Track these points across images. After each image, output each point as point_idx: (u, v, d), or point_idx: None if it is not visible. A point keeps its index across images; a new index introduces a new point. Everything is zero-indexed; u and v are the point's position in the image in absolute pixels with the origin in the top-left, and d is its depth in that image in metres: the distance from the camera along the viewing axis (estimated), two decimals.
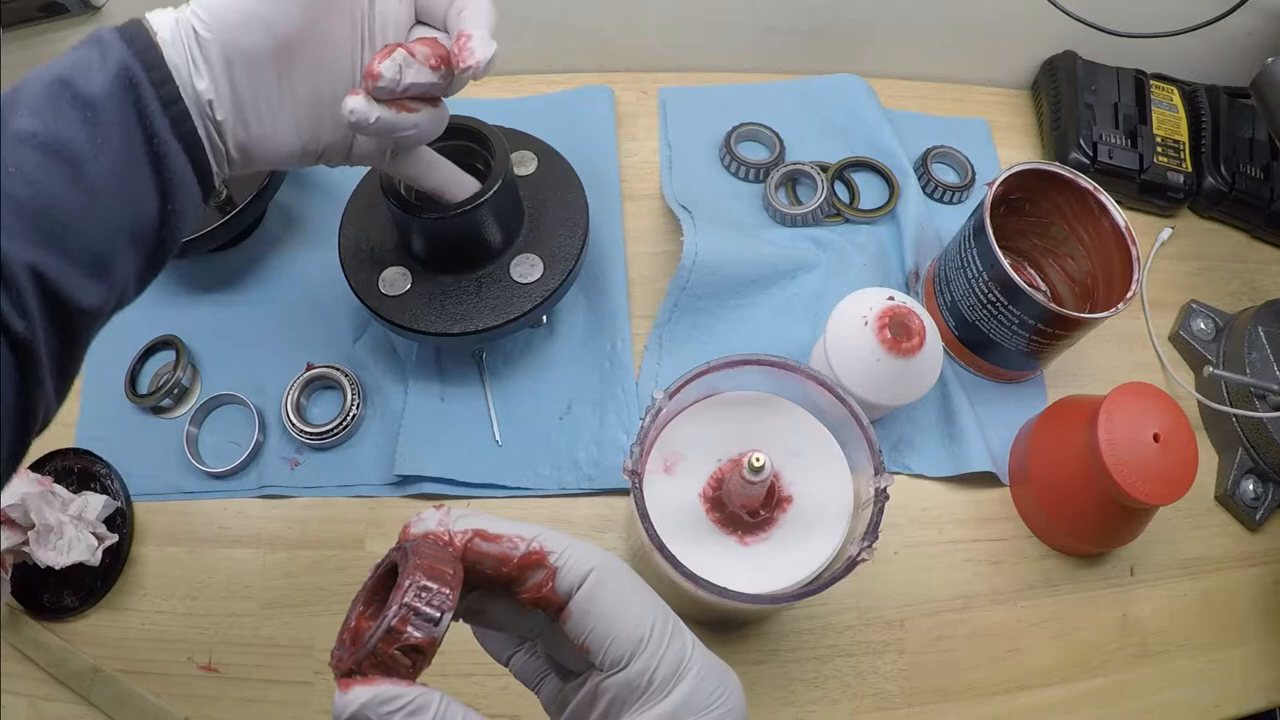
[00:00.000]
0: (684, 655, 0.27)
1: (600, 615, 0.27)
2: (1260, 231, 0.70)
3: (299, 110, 0.36)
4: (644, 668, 0.26)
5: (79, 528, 0.48)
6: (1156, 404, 0.50)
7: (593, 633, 0.27)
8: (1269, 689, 0.54)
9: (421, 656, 0.25)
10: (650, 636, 0.26)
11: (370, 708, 0.24)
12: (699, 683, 0.26)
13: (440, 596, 0.25)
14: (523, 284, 0.52)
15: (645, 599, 0.28)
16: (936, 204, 0.67)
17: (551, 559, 0.27)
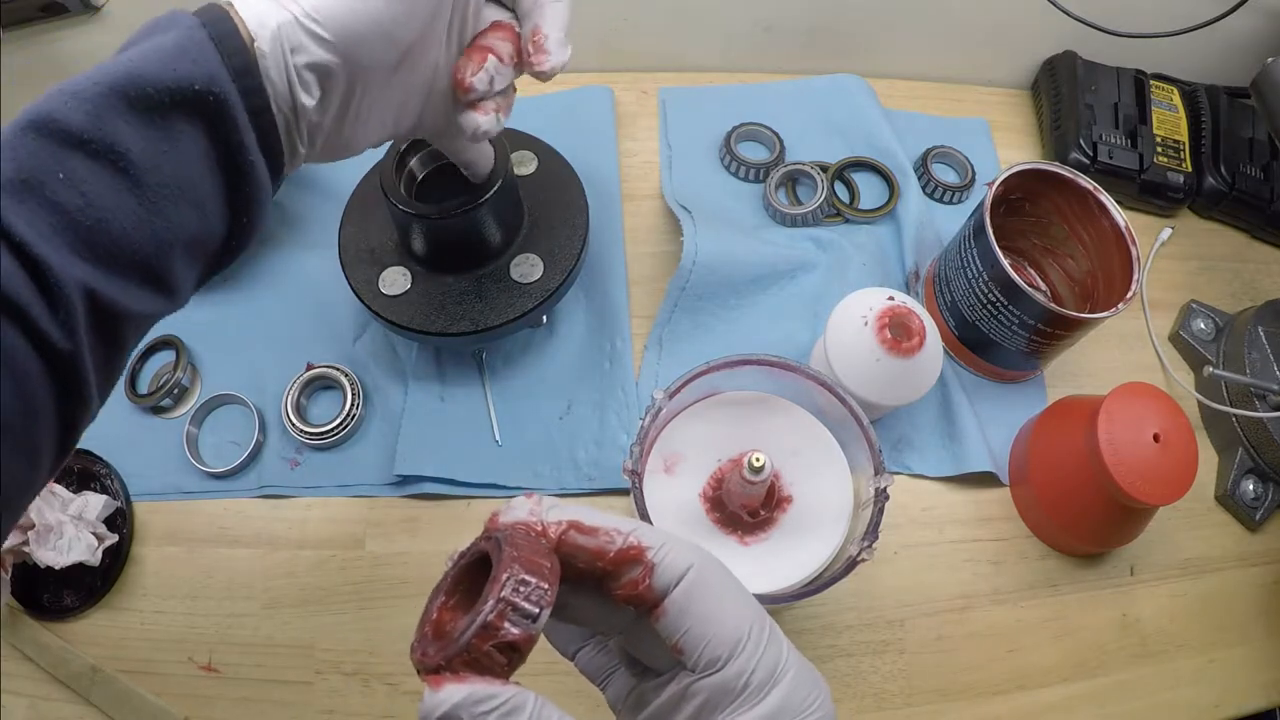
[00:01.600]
0: (780, 659, 0.26)
1: (697, 615, 0.25)
2: (1260, 231, 0.70)
3: (393, 107, 0.35)
4: (740, 670, 0.25)
5: (79, 528, 0.48)
6: (1156, 404, 0.50)
7: (689, 632, 0.26)
8: (1269, 689, 0.54)
9: (517, 654, 0.23)
10: (748, 639, 0.26)
11: (463, 708, 0.23)
12: (795, 687, 0.26)
13: (539, 591, 0.23)
14: (523, 284, 0.52)
15: (742, 599, 0.27)
16: (936, 204, 0.67)
17: (649, 554, 0.26)
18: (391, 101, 0.35)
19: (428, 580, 0.52)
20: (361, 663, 0.49)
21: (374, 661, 0.49)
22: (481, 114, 0.37)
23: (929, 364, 0.50)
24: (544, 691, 0.25)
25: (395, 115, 0.36)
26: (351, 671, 0.49)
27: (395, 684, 0.49)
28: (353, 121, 0.34)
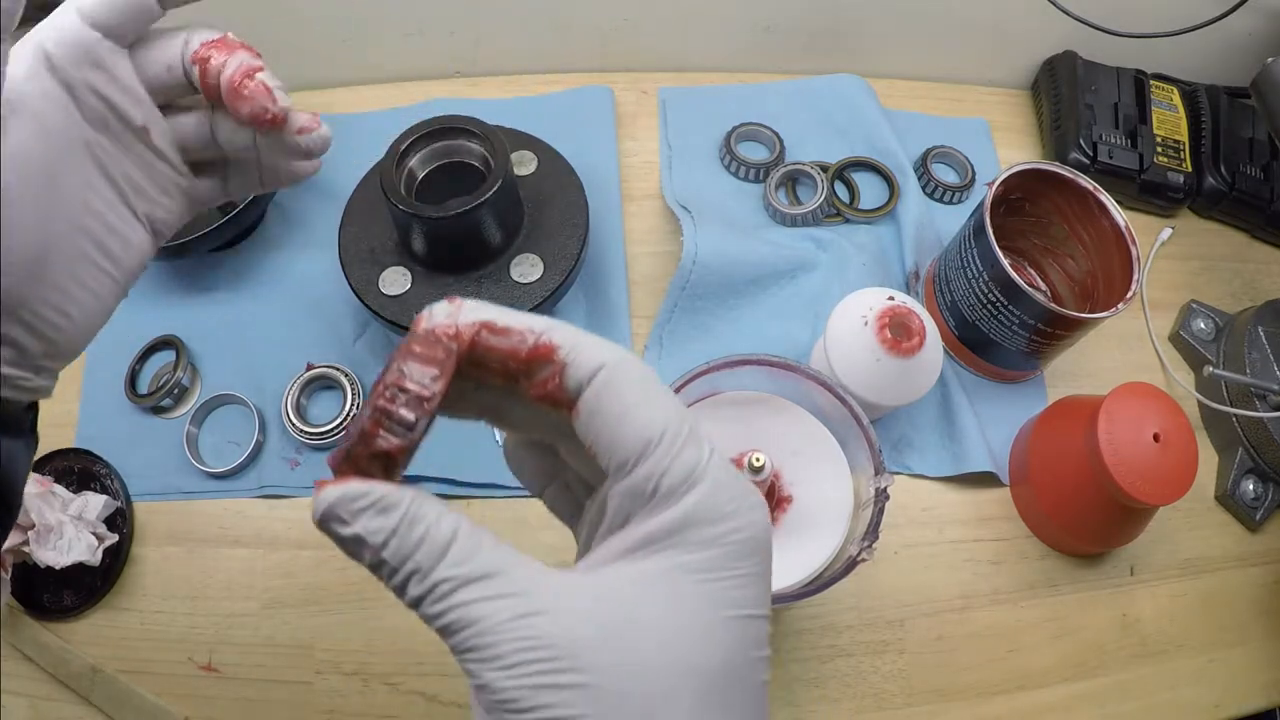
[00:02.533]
0: (697, 464, 0.23)
1: (608, 415, 0.23)
2: (1260, 231, 0.70)
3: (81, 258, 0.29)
4: (649, 473, 0.23)
5: (79, 528, 0.48)
6: (1156, 404, 0.50)
7: (599, 435, 0.23)
8: (1269, 689, 0.54)
9: (393, 462, 0.23)
10: (660, 441, 0.23)
11: (340, 505, 0.22)
12: (712, 495, 0.23)
13: (416, 400, 0.23)
14: (523, 284, 0.52)
15: (659, 400, 0.24)
16: (936, 204, 0.67)
17: (560, 354, 0.24)
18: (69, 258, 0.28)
19: None
20: (361, 663, 0.49)
21: (374, 661, 0.49)
22: (304, 120, 0.32)
23: (929, 364, 0.50)
24: None
25: (95, 260, 0.29)
26: (351, 671, 0.49)
27: (395, 684, 0.49)
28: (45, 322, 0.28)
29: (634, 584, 0.22)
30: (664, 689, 0.21)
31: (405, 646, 0.50)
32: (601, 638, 0.21)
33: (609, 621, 0.21)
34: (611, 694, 0.21)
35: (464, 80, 0.71)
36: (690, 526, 0.23)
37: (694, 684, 0.22)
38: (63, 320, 0.28)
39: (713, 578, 0.23)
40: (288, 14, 0.66)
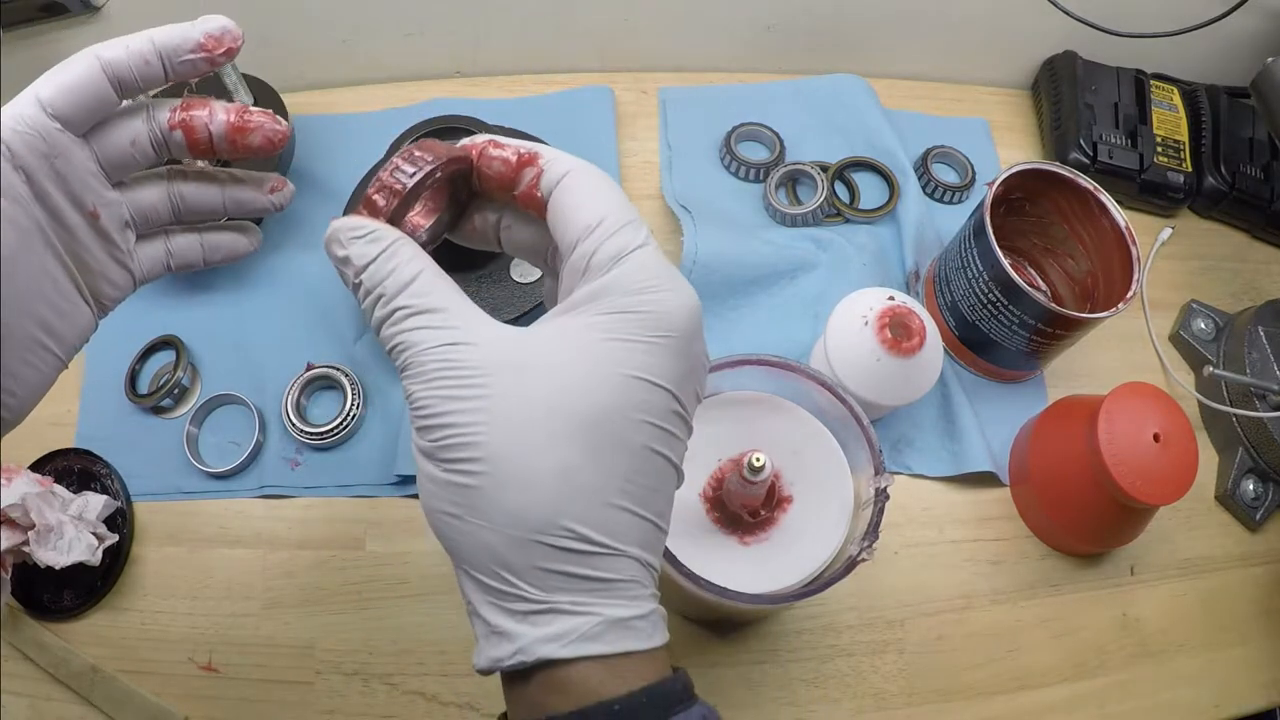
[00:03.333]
0: (627, 246, 0.27)
1: (564, 207, 0.28)
2: (1260, 231, 0.70)
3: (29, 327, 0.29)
4: (584, 251, 0.27)
5: (79, 528, 0.48)
6: (1156, 404, 0.50)
7: (557, 225, 0.28)
8: (1269, 689, 0.54)
9: (394, 195, 0.28)
10: (597, 226, 0.27)
11: (341, 230, 0.27)
12: (634, 271, 0.26)
13: (421, 161, 0.28)
14: (523, 284, 0.52)
15: (610, 197, 0.29)
16: (936, 204, 0.67)
17: (540, 160, 0.29)
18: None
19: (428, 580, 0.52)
20: (361, 663, 0.49)
21: (374, 661, 0.49)
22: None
23: (929, 364, 0.50)
24: None
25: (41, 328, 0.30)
26: (351, 671, 0.49)
27: (395, 684, 0.49)
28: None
29: (549, 335, 0.26)
30: (543, 418, 0.24)
31: (405, 646, 0.50)
32: (506, 369, 0.25)
33: (516, 359, 0.25)
34: (501, 414, 0.24)
35: (464, 80, 0.71)
36: (607, 294, 0.26)
37: (568, 423, 0.24)
38: (10, 400, 0.29)
39: (613, 337, 0.25)
40: (288, 14, 0.66)
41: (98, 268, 0.31)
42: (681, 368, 0.26)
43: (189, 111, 0.31)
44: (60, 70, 0.29)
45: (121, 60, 0.29)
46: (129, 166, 0.31)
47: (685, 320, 0.26)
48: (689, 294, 0.27)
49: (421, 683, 0.49)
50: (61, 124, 0.29)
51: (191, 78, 0.31)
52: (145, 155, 0.31)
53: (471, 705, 0.48)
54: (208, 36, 0.30)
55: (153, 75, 0.30)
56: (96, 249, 0.31)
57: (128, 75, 0.30)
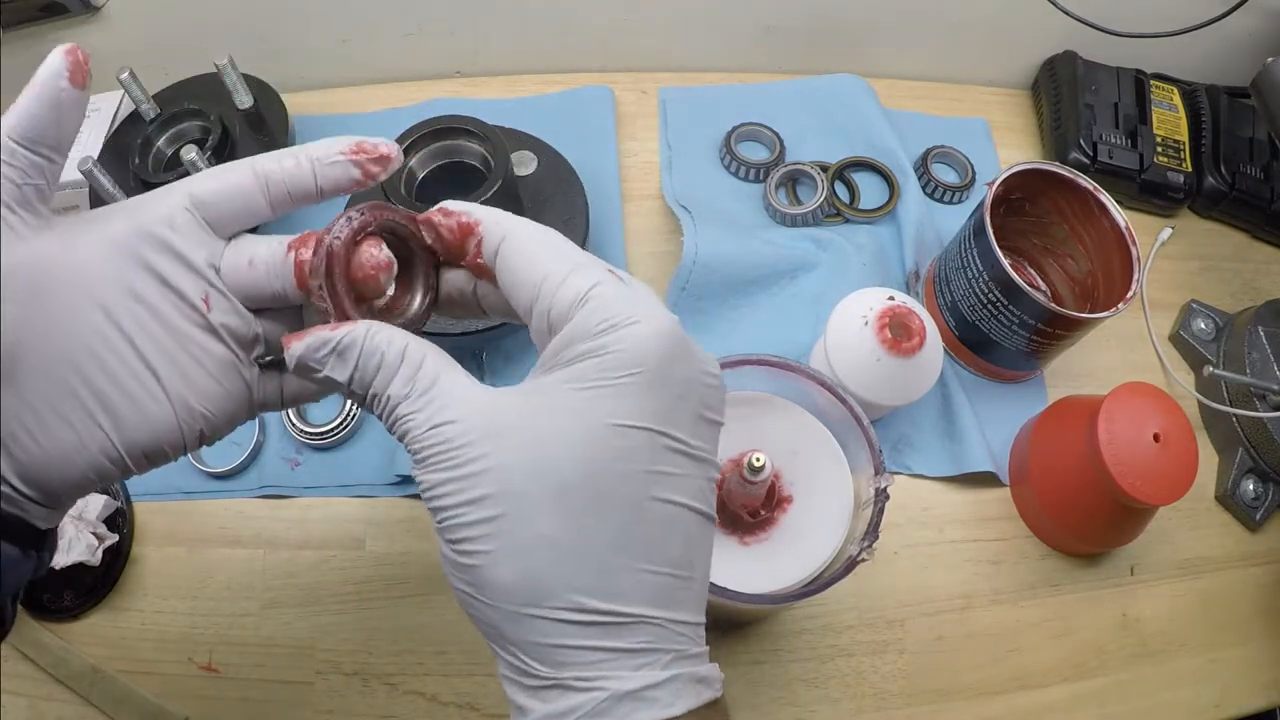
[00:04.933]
0: (580, 291, 0.25)
1: (511, 271, 0.27)
2: (1260, 231, 0.70)
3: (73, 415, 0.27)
4: (541, 311, 0.26)
5: (79, 528, 0.48)
6: (1156, 404, 0.50)
7: (508, 292, 0.27)
8: (1269, 689, 0.54)
9: (323, 252, 0.28)
10: (544, 281, 0.26)
11: (307, 357, 0.26)
12: (593, 312, 0.25)
13: (351, 219, 0.28)
14: None
15: (549, 251, 0.27)
16: (936, 204, 0.67)
17: (479, 228, 0.28)
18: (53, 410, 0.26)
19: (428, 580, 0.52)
20: (361, 663, 0.49)
21: (374, 661, 0.49)
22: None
23: (929, 364, 0.50)
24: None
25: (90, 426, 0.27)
26: (351, 671, 0.49)
27: (395, 684, 0.49)
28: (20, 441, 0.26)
29: (525, 396, 0.25)
30: (525, 486, 0.23)
31: (405, 646, 0.50)
32: (486, 439, 0.24)
33: (495, 426, 0.24)
34: (485, 488, 0.24)
35: (464, 80, 0.71)
36: (571, 343, 0.25)
37: (551, 487, 0.23)
38: (31, 443, 0.26)
39: (583, 386, 0.24)
40: (288, 14, 0.66)
41: (192, 368, 0.28)
42: (664, 399, 0.25)
43: (305, 243, 0.29)
44: (215, 170, 0.29)
45: (273, 167, 0.29)
46: (241, 289, 0.29)
47: (656, 348, 0.25)
48: (656, 318, 0.25)
49: (421, 683, 0.49)
50: (205, 218, 0.29)
51: (344, 190, 0.30)
52: (260, 281, 0.29)
53: (472, 705, 0.48)
54: (359, 142, 0.30)
55: (302, 180, 0.30)
56: (194, 346, 0.28)
57: (277, 179, 0.29)
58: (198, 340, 0.28)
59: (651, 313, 0.25)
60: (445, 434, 0.24)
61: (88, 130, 0.62)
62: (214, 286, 0.29)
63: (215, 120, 0.58)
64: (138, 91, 0.58)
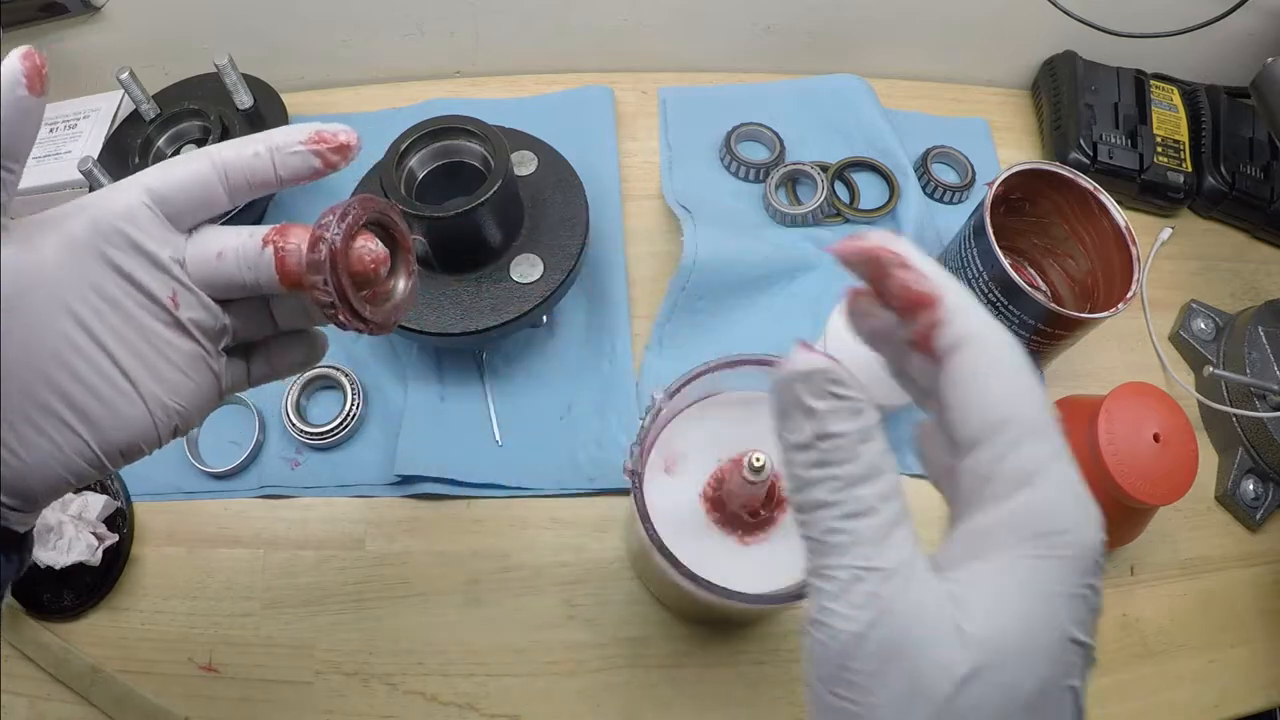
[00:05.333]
0: (1042, 461, 0.22)
1: (964, 385, 0.24)
2: (1260, 231, 0.70)
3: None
4: (988, 458, 0.23)
5: (79, 528, 0.48)
6: (1156, 404, 0.50)
7: (952, 406, 0.24)
8: (1269, 689, 0.54)
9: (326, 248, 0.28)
10: (1005, 427, 0.23)
11: (819, 377, 0.22)
12: (1056, 496, 0.22)
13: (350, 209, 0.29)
14: (523, 284, 0.52)
15: (1019, 384, 0.23)
16: (936, 204, 0.67)
17: (940, 310, 0.24)
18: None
19: (428, 580, 0.52)
20: (361, 663, 0.49)
21: (374, 661, 0.49)
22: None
23: None
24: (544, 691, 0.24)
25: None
26: (351, 671, 0.49)
27: (395, 684, 0.49)
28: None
29: (965, 588, 0.22)
30: (967, 700, 0.20)
31: (405, 646, 0.50)
32: (940, 631, 0.21)
33: (930, 626, 0.21)
34: (905, 694, 0.20)
35: (464, 80, 0.71)
36: (1028, 527, 0.22)
37: (1008, 705, 0.20)
38: (10, 457, 0.26)
39: (1044, 590, 0.21)
40: (288, 14, 0.66)
41: (162, 364, 0.29)
42: (1097, 608, 0.23)
43: (284, 236, 0.29)
44: (171, 162, 0.29)
45: (230, 156, 0.29)
46: (208, 281, 0.29)
47: (1100, 554, 0.22)
48: (1098, 517, 0.23)
49: (421, 683, 0.49)
50: (164, 213, 0.28)
51: (304, 178, 0.30)
52: (230, 273, 0.29)
53: (471, 705, 0.48)
54: (318, 131, 0.29)
55: (261, 169, 0.29)
56: (164, 342, 0.29)
57: (235, 166, 0.29)
58: (167, 338, 0.29)
59: (1094, 508, 0.23)
60: (888, 590, 0.21)
61: (88, 130, 0.62)
62: (180, 283, 0.29)
63: (215, 120, 0.58)
64: (138, 91, 0.58)
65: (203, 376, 0.30)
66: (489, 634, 0.50)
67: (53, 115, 0.63)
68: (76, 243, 0.27)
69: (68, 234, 0.27)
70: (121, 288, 0.28)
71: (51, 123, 0.63)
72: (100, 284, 0.27)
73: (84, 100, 0.63)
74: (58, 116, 0.63)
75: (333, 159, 0.30)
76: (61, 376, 0.27)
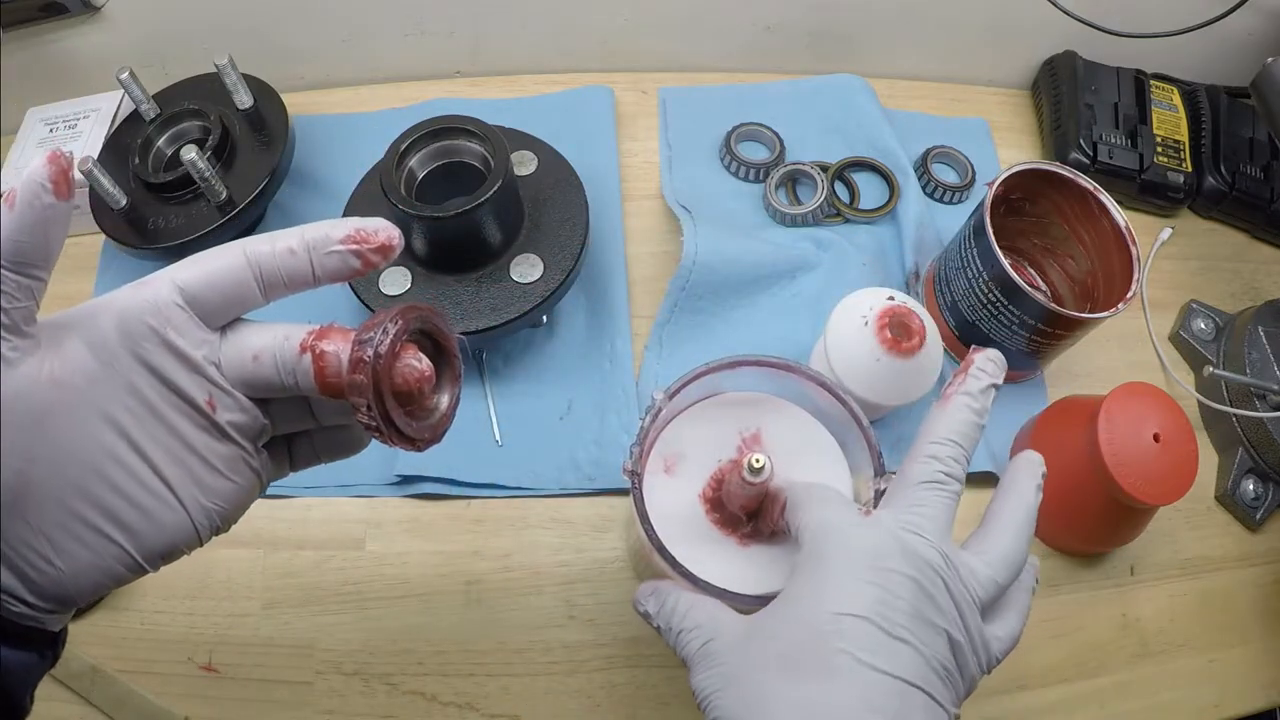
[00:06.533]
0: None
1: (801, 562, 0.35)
2: (1260, 231, 0.70)
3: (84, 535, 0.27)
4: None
5: None
6: (1156, 404, 0.50)
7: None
8: (1269, 689, 0.54)
9: (369, 363, 0.27)
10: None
11: (638, 597, 0.40)
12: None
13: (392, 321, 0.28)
14: (523, 284, 0.52)
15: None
16: (936, 204, 0.67)
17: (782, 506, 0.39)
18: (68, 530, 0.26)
19: (428, 580, 0.52)
20: (361, 663, 0.49)
21: (374, 661, 0.49)
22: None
23: (929, 364, 0.50)
24: (544, 691, 0.25)
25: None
26: (351, 671, 0.49)
27: (395, 684, 0.49)
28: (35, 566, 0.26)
29: (782, 632, 0.32)
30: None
31: (405, 646, 0.50)
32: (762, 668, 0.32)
33: (759, 658, 0.32)
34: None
35: (464, 80, 0.71)
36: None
37: None
38: (47, 567, 0.26)
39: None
40: (288, 14, 0.66)
41: (202, 469, 0.28)
42: None
43: (322, 340, 0.28)
44: (202, 256, 0.28)
45: (266, 252, 0.28)
46: (245, 382, 0.29)
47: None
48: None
49: (421, 683, 0.49)
50: (194, 312, 0.27)
51: (342, 278, 0.29)
52: (268, 376, 0.29)
53: (471, 705, 0.48)
54: (357, 229, 0.28)
55: (298, 269, 0.28)
56: (204, 446, 0.28)
57: (270, 266, 0.28)
58: (205, 442, 0.28)
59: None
60: (713, 648, 0.34)
61: (88, 130, 0.62)
62: (217, 385, 0.28)
63: (215, 120, 0.58)
64: (138, 91, 0.58)
65: (243, 476, 0.30)
66: (489, 634, 0.50)
67: (53, 115, 0.63)
68: (109, 345, 0.26)
69: (98, 336, 0.26)
70: (158, 392, 0.27)
71: (51, 123, 0.63)
72: (137, 388, 0.27)
73: (84, 100, 0.63)
74: (58, 116, 0.63)
75: (373, 259, 0.29)
76: (100, 488, 0.26)
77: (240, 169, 0.58)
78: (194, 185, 0.55)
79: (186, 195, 0.56)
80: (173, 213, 0.56)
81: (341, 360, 0.28)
